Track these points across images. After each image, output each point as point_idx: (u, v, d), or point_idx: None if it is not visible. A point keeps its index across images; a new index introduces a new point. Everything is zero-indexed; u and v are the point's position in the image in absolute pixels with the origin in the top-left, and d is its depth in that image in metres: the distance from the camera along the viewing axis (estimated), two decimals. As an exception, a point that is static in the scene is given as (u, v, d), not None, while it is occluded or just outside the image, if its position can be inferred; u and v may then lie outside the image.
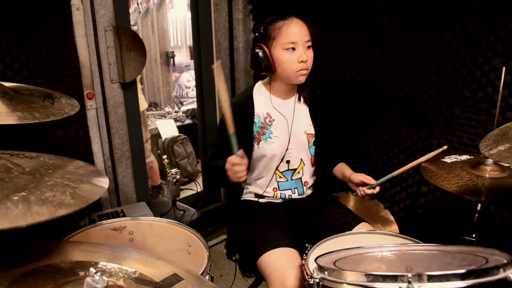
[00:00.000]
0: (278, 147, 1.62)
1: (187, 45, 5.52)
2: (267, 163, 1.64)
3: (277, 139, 1.62)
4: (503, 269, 0.87)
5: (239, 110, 1.58)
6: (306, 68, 1.52)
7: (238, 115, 1.53)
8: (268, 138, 1.62)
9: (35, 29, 1.83)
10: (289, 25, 1.50)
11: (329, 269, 1.02)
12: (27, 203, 0.78)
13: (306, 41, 1.51)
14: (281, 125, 1.63)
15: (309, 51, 1.53)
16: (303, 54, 1.50)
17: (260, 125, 1.63)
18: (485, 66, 1.77)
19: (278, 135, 1.62)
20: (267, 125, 1.63)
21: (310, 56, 1.53)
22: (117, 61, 2.20)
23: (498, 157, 1.08)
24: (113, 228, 1.50)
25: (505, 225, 1.83)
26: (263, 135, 1.62)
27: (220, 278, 2.44)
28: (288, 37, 1.49)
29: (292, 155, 1.65)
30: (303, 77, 1.54)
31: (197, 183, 2.87)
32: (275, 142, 1.62)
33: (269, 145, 1.62)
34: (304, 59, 1.50)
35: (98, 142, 2.21)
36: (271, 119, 1.63)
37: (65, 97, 1.21)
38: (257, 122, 1.63)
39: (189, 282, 0.93)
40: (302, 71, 1.52)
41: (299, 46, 1.50)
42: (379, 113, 2.18)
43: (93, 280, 0.79)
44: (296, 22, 1.51)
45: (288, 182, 1.67)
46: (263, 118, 1.63)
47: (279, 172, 1.66)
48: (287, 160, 1.65)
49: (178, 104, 4.76)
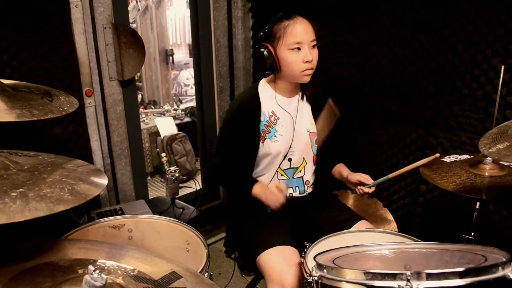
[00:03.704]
0: (282, 145, 1.62)
1: (186, 43, 5.50)
2: (270, 161, 1.64)
3: (281, 137, 1.62)
4: (501, 267, 0.87)
5: (247, 108, 1.60)
6: (311, 67, 1.52)
7: (246, 113, 1.58)
8: (273, 137, 1.62)
9: (34, 27, 1.83)
10: (294, 25, 1.49)
11: (328, 267, 1.02)
12: (25, 199, 0.78)
13: (311, 41, 1.51)
14: (286, 123, 1.63)
15: (314, 50, 1.53)
16: (309, 54, 1.49)
17: (266, 123, 1.62)
18: (484, 65, 1.77)
19: (283, 133, 1.62)
20: (272, 124, 1.62)
21: (315, 56, 1.53)
22: (116, 58, 2.20)
23: (497, 155, 1.08)
24: (112, 226, 1.50)
25: (503, 224, 1.83)
26: (268, 133, 1.62)
27: (219, 276, 2.44)
28: (294, 37, 1.48)
29: (294, 153, 1.64)
30: (308, 77, 1.54)
31: (196, 181, 2.87)
32: (279, 140, 1.62)
33: (274, 143, 1.61)
34: (309, 59, 1.49)
35: (97, 139, 2.20)
36: (276, 117, 1.63)
37: (64, 95, 1.21)
38: (263, 120, 1.62)
39: (188, 280, 0.93)
40: (307, 71, 1.52)
41: (305, 46, 1.49)
42: (378, 112, 2.18)
43: (91, 278, 0.78)
44: (301, 22, 1.50)
45: (289, 180, 1.67)
46: (268, 117, 1.63)
47: (280, 170, 1.65)
48: (289, 158, 1.65)
49: (177, 102, 4.74)
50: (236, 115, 1.63)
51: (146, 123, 4.03)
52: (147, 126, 3.97)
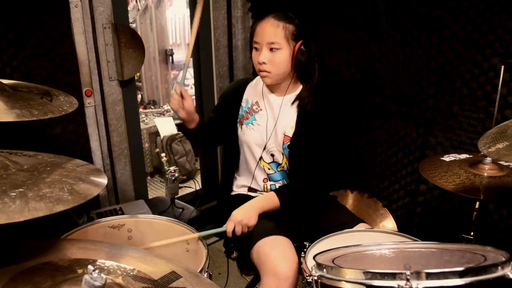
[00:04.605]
0: (258, 135, 1.63)
1: (186, 43, 5.51)
2: (249, 150, 1.66)
3: (258, 127, 1.63)
4: (501, 267, 0.87)
5: (233, 90, 1.73)
6: (265, 70, 1.50)
7: (227, 94, 1.74)
8: (250, 124, 1.64)
9: (33, 27, 1.83)
10: (260, 24, 1.50)
11: (327, 266, 1.02)
12: (24, 199, 0.78)
13: (269, 43, 1.47)
14: (265, 116, 1.64)
15: (272, 54, 1.48)
16: (261, 55, 1.48)
17: (246, 109, 1.66)
18: (484, 65, 1.77)
19: (261, 124, 1.63)
20: (252, 111, 1.65)
21: (272, 59, 1.48)
22: (115, 58, 2.20)
23: (497, 155, 1.08)
24: (112, 226, 1.50)
25: (503, 223, 1.83)
26: (246, 119, 1.65)
27: (218, 276, 2.44)
28: (254, 36, 1.52)
29: (274, 150, 1.65)
30: (265, 78, 1.54)
31: (196, 181, 2.87)
32: (255, 129, 1.63)
33: (249, 130, 1.64)
34: (260, 60, 1.49)
35: (96, 139, 2.20)
36: (259, 108, 1.65)
37: (63, 95, 1.20)
38: (244, 106, 1.67)
39: (188, 279, 0.93)
40: (261, 72, 1.52)
41: (262, 47, 1.49)
42: (378, 112, 2.18)
43: (91, 278, 0.78)
44: (267, 23, 1.48)
45: (276, 173, 1.67)
46: (250, 104, 1.66)
47: (265, 164, 1.66)
48: (272, 154, 1.65)
49: (177, 102, 4.75)
50: (224, 93, 1.82)
51: (146, 123, 4.03)
52: (146, 126, 3.97)
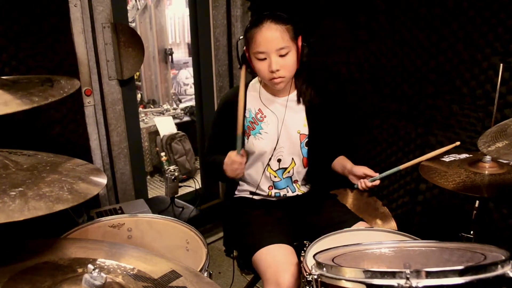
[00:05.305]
0: (267, 143, 1.60)
1: (186, 42, 5.50)
2: (256, 159, 1.63)
3: (267, 135, 1.60)
4: (501, 265, 0.87)
5: (230, 103, 1.58)
6: (278, 76, 1.46)
7: (229, 109, 1.57)
8: (258, 134, 1.60)
9: (33, 26, 1.82)
10: (260, 33, 1.42)
11: (327, 265, 1.02)
12: (24, 198, 0.78)
13: (278, 49, 1.42)
14: (272, 122, 1.61)
15: (283, 58, 1.44)
16: (274, 63, 1.43)
17: (251, 119, 1.61)
18: (484, 64, 1.77)
19: (268, 131, 1.60)
20: (258, 120, 1.61)
21: (285, 64, 1.45)
22: (115, 58, 2.20)
23: (496, 153, 1.09)
24: (112, 225, 1.50)
25: (503, 222, 1.83)
26: (252, 130, 1.61)
27: (218, 275, 2.44)
28: (257, 47, 1.43)
29: (283, 153, 1.63)
30: (279, 84, 1.49)
31: (196, 180, 2.87)
32: (264, 138, 1.60)
33: (258, 140, 1.60)
34: (273, 69, 1.43)
35: (96, 139, 2.20)
36: (263, 115, 1.61)
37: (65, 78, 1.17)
38: (248, 117, 1.61)
39: (188, 279, 0.93)
40: (274, 79, 1.47)
41: (270, 55, 1.43)
42: (378, 110, 2.18)
43: (91, 277, 0.78)
44: (267, 29, 1.42)
45: (281, 181, 1.66)
46: (254, 113, 1.62)
47: (272, 171, 1.64)
48: (278, 159, 1.63)
49: (176, 101, 4.74)
50: (220, 113, 1.67)
51: (146, 122, 4.03)
52: (146, 125, 3.97)
